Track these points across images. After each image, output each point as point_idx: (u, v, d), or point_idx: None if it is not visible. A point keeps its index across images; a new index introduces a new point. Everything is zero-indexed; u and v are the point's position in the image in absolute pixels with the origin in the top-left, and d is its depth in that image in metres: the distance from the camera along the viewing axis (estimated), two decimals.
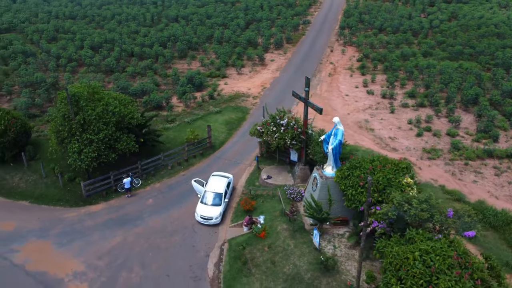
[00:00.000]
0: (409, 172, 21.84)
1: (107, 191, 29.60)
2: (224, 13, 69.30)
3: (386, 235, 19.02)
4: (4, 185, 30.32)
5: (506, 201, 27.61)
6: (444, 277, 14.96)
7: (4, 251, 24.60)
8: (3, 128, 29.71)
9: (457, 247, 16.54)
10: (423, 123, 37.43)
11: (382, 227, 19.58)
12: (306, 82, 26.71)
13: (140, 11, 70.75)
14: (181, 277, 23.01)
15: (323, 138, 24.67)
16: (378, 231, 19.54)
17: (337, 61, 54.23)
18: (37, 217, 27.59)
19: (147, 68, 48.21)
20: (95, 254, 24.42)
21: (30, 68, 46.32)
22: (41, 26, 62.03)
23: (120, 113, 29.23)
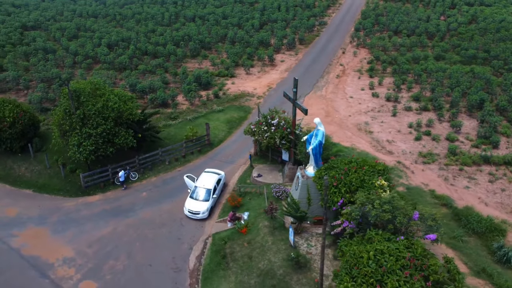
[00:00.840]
0: (385, 175, 22.05)
1: (104, 183, 31.03)
2: (240, 14, 70.20)
3: (354, 235, 19.40)
4: (11, 174, 32.26)
5: (496, 208, 27.25)
6: (393, 277, 15.28)
7: (3, 235, 26.33)
8: (12, 120, 31.59)
9: (415, 249, 16.74)
10: (424, 127, 37.13)
11: (352, 227, 19.95)
12: (294, 83, 27.24)
13: (159, 11, 72.56)
14: (163, 268, 24.05)
15: (306, 138, 25.13)
16: (347, 230, 19.93)
17: (348, 63, 54.17)
18: (38, 205, 29.30)
19: (159, 67, 49.69)
20: (85, 242, 25.80)
21: (48, 64, 48.67)
22: (64, 24, 64.70)
23: (119, 109, 30.57)
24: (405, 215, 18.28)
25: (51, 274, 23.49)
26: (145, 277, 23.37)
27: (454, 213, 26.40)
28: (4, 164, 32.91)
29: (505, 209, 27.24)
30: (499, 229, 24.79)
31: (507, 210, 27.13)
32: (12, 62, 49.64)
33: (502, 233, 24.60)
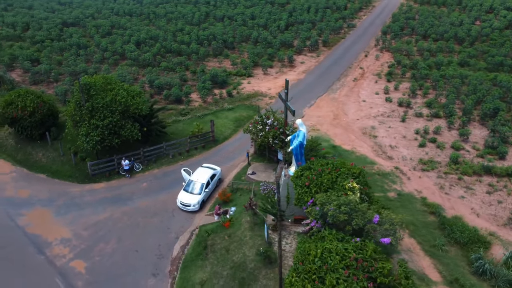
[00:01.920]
0: (360, 178, 22.23)
1: (110, 172, 33.04)
2: (268, 15, 71.11)
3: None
4: (29, 159, 35.05)
5: (487, 220, 26.61)
6: (334, 274, 15.76)
7: (14, 214, 28.85)
8: (32, 109, 34.32)
9: (366, 251, 17.06)
10: (431, 134, 36.50)
11: (318, 226, 20.44)
12: (285, 85, 27.89)
13: (191, 10, 74.88)
14: (148, 254, 25.53)
15: (289, 139, 25.71)
16: (313, 229, 20.43)
17: (368, 66, 53.74)
18: (48, 189, 31.71)
19: (180, 64, 51.60)
20: (83, 225, 27.79)
21: (79, 59, 51.93)
22: (101, 21, 68.39)
23: (126, 103, 32.47)
24: (363, 217, 18.56)
25: (47, 252, 25.58)
26: (130, 261, 24.94)
27: (441, 222, 26.10)
28: (24, 150, 35.80)
29: (497, 221, 26.54)
30: (483, 241, 24.33)
31: (499, 222, 26.41)
32: (47, 56, 53.34)
33: (486, 245, 24.12)
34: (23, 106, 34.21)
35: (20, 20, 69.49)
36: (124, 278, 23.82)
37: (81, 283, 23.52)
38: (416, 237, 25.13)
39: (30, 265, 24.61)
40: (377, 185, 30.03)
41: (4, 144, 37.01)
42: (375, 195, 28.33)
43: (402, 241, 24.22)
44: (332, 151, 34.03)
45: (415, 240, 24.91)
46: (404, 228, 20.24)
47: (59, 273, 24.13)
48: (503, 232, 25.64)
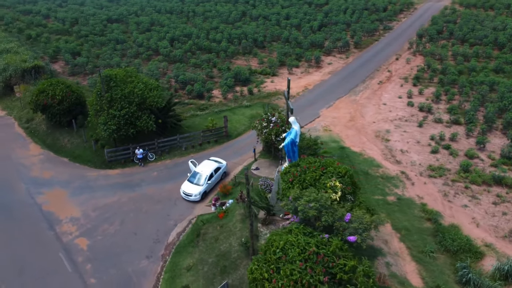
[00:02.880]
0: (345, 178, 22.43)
1: (125, 160, 35.08)
2: (303, 15, 71.31)
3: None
4: (56, 143, 37.92)
5: (486, 231, 25.75)
6: (289, 265, 16.31)
7: (34, 192, 31.52)
8: (61, 98, 37.13)
9: (328, 247, 17.41)
10: (447, 141, 35.51)
11: (296, 221, 20.95)
12: (287, 84, 28.44)
13: (229, 9, 76.57)
14: (145, 237, 27.11)
15: (284, 136, 26.27)
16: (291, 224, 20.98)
17: (397, 69, 52.71)
18: (68, 171, 34.26)
19: (208, 61, 53.26)
20: (92, 207, 29.89)
21: (114, 54, 54.99)
22: (142, 18, 71.72)
23: (142, 96, 34.36)
24: (332, 214, 18.85)
25: (57, 228, 27.85)
26: (128, 243, 26.61)
27: (436, 229, 25.61)
28: (53, 135, 38.77)
29: (497, 233, 25.61)
30: (475, 251, 23.68)
31: (499, 234, 25.48)
32: (87, 49, 56.94)
33: (477, 255, 23.47)
34: (53, 95, 37.07)
35: (70, 16, 74.41)
36: (119, 257, 25.50)
37: (81, 259, 25.46)
38: (407, 242, 24.89)
39: (40, 239, 26.93)
40: (378, 188, 29.85)
41: (37, 129, 40.23)
42: (374, 198, 28.43)
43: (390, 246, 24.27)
44: (339, 152, 34.15)
45: (404, 245, 24.69)
46: (376, 229, 20.18)
47: (63, 248, 26.23)
48: (501, 244, 24.73)
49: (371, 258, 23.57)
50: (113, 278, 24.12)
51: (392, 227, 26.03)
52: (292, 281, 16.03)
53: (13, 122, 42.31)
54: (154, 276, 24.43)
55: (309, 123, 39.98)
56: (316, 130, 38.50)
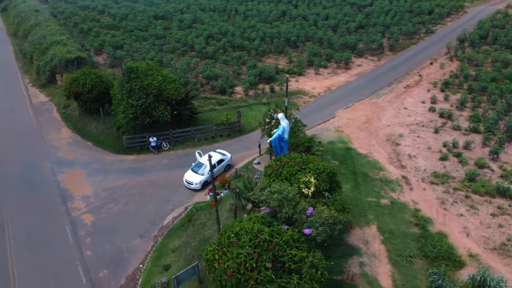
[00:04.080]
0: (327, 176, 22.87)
1: (141, 147, 37.49)
2: (342, 16, 70.83)
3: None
4: (84, 128, 41.26)
5: (476, 241, 24.98)
6: (236, 249, 17.31)
7: (57, 170, 34.75)
8: (90, 87, 40.36)
9: (281, 237, 18.18)
10: (460, 148, 34.40)
11: (266, 211, 21.85)
12: (285, 81, 29.16)
13: (270, 9, 77.74)
14: (143, 219, 29.14)
15: (274, 131, 27.09)
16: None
17: (428, 74, 51.23)
18: (90, 154, 37.29)
19: (238, 59, 54.85)
20: (103, 187, 32.48)
21: (152, 48, 58.19)
22: (185, 16, 74.89)
23: (159, 88, 36.57)
24: (293, 207, 19.52)
25: (69, 204, 30.67)
26: (127, 222, 28.77)
27: (422, 235, 25.28)
28: (83, 121, 42.21)
29: (487, 244, 24.77)
30: (456, 260, 23.15)
31: (489, 246, 24.64)
32: (129, 44, 60.71)
33: (456, 264, 22.95)
34: (83, 83, 40.39)
35: (121, 12, 79.34)
36: (116, 234, 27.71)
37: (83, 233, 27.97)
38: (388, 245, 24.80)
39: (52, 212, 29.85)
40: (374, 190, 29.77)
41: (71, 115, 43.95)
42: (366, 199, 28.54)
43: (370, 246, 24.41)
44: (344, 153, 34.32)
45: (385, 247, 24.64)
46: (338, 225, 20.44)
47: (70, 221, 28.93)
48: (487, 256, 23.93)
49: (346, 257, 23.96)
50: (107, 252, 26.33)
51: (377, 229, 26.00)
52: (237, 263, 17.03)
53: (53, 108, 46.45)
54: (143, 254, 26.33)
55: (323, 123, 40.24)
56: (327, 130, 38.76)
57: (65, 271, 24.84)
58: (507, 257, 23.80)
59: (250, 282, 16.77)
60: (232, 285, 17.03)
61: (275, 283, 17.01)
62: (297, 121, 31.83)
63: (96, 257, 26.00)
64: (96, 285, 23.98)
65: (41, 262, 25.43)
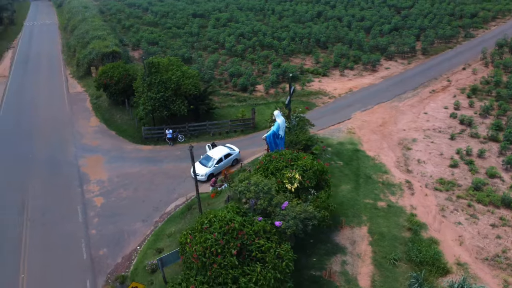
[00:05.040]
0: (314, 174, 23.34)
1: (158, 138, 39.42)
2: (378, 18, 69.73)
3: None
4: (111, 118, 43.92)
5: (469, 251, 24.39)
6: (205, 234, 18.34)
7: (79, 155, 37.40)
8: (117, 79, 42.91)
9: (251, 227, 18.99)
10: (473, 156, 33.38)
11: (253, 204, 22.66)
12: (289, 80, 29.77)
13: (306, 9, 77.94)
14: (148, 205, 30.86)
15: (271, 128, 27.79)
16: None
17: (458, 80, 49.58)
18: (112, 143, 39.73)
19: (265, 58, 55.79)
20: (117, 173, 34.63)
21: (184, 45, 60.44)
22: (222, 14, 76.82)
23: (177, 82, 38.29)
24: (269, 200, 20.22)
25: (84, 187, 33.04)
26: (133, 207, 30.61)
27: (411, 240, 25.07)
28: (110, 111, 44.94)
29: (480, 254, 24.14)
30: (440, 267, 22.81)
31: (481, 256, 24.00)
32: (163, 40, 63.41)
33: (440, 271, 22.62)
34: (111, 76, 43.01)
35: (163, 10, 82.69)
36: (121, 217, 29.60)
37: (92, 213, 30.12)
38: (375, 246, 24.83)
39: (68, 193, 32.31)
40: (374, 193, 29.68)
41: (101, 105, 46.87)
42: (363, 201, 28.65)
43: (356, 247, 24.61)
44: (350, 154, 34.35)
45: (371, 249, 24.69)
46: (313, 221, 20.79)
47: (82, 203, 31.20)
48: (477, 265, 23.34)
49: (330, 254, 24.31)
50: (109, 232, 28.24)
51: (367, 231, 26.05)
52: (203, 247, 18.04)
53: (87, 98, 49.71)
54: (142, 237, 27.97)
55: (337, 124, 40.29)
56: (340, 131, 38.82)
57: (70, 246, 26.98)
58: (497, 268, 23.11)
59: (214, 266, 17.71)
60: (198, 267, 18.08)
61: (238, 269, 17.85)
62: (303, 120, 32.26)
63: (99, 236, 27.97)
64: (94, 261, 25.89)
65: (51, 237, 27.77)
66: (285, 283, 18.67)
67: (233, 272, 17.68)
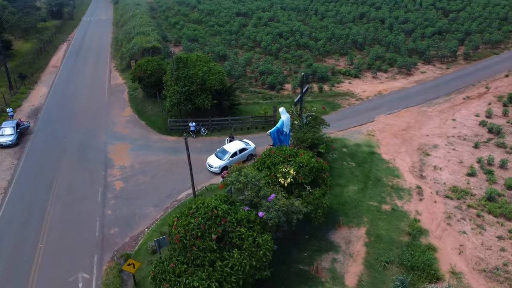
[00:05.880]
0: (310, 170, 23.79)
1: (182, 130, 41.20)
2: (422, 20, 67.66)
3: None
4: (143, 110, 46.44)
5: (467, 261, 23.70)
6: (188, 218, 19.48)
7: (108, 142, 39.99)
8: (150, 73, 45.30)
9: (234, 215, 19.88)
10: (495, 166, 32.05)
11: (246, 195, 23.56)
12: (300, 79, 30.23)
13: (349, 10, 77.12)
14: (162, 191, 32.59)
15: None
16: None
17: (498, 87, 47.39)
18: (140, 132, 42.09)
19: (299, 57, 56.21)
20: (138, 160, 36.74)
21: (222, 43, 62.21)
22: (264, 14, 77.88)
23: (203, 78, 39.86)
24: (256, 191, 20.96)
25: (108, 171, 35.43)
26: (148, 192, 32.45)
27: (408, 244, 24.79)
28: (143, 103, 47.50)
29: (479, 265, 23.40)
30: (431, 273, 22.44)
31: (480, 267, 23.26)
32: (202, 37, 65.59)
33: (430, 278, 22.25)
34: (145, 69, 45.48)
35: (209, 8, 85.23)
36: (135, 201, 31.51)
37: (110, 195, 32.32)
38: (370, 248, 24.81)
39: (93, 175, 34.79)
40: (381, 196, 29.47)
41: (136, 97, 49.63)
42: (368, 203, 28.66)
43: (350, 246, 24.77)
44: (365, 156, 34.18)
45: (365, 249, 24.70)
46: (298, 215, 21.16)
47: (104, 185, 33.52)
48: (473, 276, 22.65)
49: (323, 251, 24.65)
50: (123, 214, 30.22)
51: (365, 232, 26.03)
52: (185, 230, 19.18)
53: (125, 90, 52.75)
54: (152, 221, 29.65)
55: (358, 125, 40.05)
56: (359, 133, 38.59)
57: (85, 223, 29.23)
58: (494, 281, 22.32)
59: (193, 248, 18.80)
60: (179, 248, 19.26)
61: (216, 253, 18.82)
62: (316, 119, 32.57)
63: (113, 216, 30.03)
64: (105, 239, 27.91)
65: (70, 213, 30.20)
66: (261, 270, 19.37)
67: (210, 256, 18.68)
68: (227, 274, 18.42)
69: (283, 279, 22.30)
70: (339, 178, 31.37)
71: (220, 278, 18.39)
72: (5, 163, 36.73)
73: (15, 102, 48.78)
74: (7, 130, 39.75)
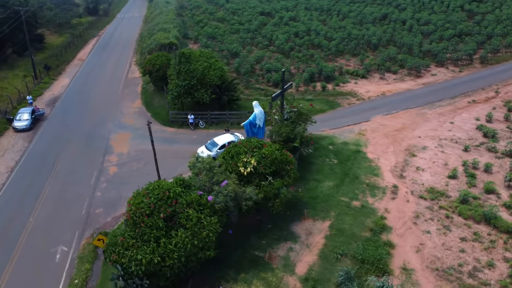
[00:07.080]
0: (271, 162, 24.80)
1: (182, 122, 43.11)
2: (444, 22, 66.10)
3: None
4: (151, 102, 48.80)
5: (422, 259, 23.81)
6: (142, 198, 21.09)
7: (112, 130, 42.54)
8: (158, 67, 47.55)
9: (185, 197, 21.29)
10: (479, 170, 31.56)
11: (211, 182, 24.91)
12: (282, 75, 31.15)
13: (372, 11, 76.43)
14: (152, 177, 33.87)
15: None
16: None
17: (508, 92, 45.96)
18: (143, 123, 44.07)
19: (309, 57, 56.79)
20: (136, 149, 38.94)
21: (237, 41, 63.75)
22: (285, 13, 78.64)
23: (203, 73, 41.55)
24: (210, 177, 22.25)
25: (106, 157, 37.84)
26: (138, 178, 34.23)
27: (367, 240, 25.22)
28: (152, 96, 49.90)
29: (433, 264, 23.49)
30: (380, 268, 22.86)
31: (434, 265, 23.35)
32: (220, 35, 67.41)
33: (378, 271, 22.66)
34: (154, 64, 47.79)
35: (235, 7, 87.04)
36: (124, 185, 33.59)
37: (103, 179, 34.66)
38: (328, 240, 25.44)
39: (92, 160, 37.32)
40: (354, 192, 29.90)
41: (148, 90, 52.15)
42: (339, 198, 29.32)
43: (310, 237, 25.54)
44: (350, 154, 34.60)
45: (324, 241, 25.36)
46: (248, 202, 22.12)
47: (99, 170, 35.95)
48: (423, 274, 22.76)
49: (282, 240, 25.56)
50: (110, 196, 32.42)
51: (329, 225, 26.65)
52: (136, 207, 20.80)
53: (140, 83, 55.44)
54: None
55: (352, 124, 40.29)
56: (351, 132, 38.89)
57: (75, 202, 31.64)
58: (444, 280, 22.39)
59: (142, 225, 20.39)
60: (130, 224, 20.92)
61: (162, 231, 20.31)
62: (300, 115, 33.31)
63: (101, 198, 32.29)
64: (89, 217, 30.17)
65: (65, 193, 32.77)
66: (205, 250, 20.63)
67: (156, 233, 20.19)
68: (170, 250, 19.85)
69: (235, 262, 23.44)
70: (317, 173, 32.02)
71: (164, 254, 19.84)
72: (17, 145, 40.05)
73: (38, 91, 52.65)
74: (24, 115, 43.22)
